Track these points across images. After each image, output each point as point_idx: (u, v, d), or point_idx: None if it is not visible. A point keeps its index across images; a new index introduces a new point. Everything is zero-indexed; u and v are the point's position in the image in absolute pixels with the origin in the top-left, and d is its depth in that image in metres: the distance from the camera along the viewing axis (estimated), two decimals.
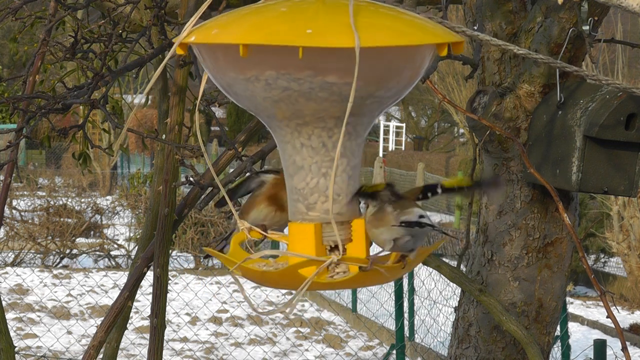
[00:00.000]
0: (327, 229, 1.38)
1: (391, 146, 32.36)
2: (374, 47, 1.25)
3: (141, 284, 2.58)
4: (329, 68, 1.29)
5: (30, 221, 13.78)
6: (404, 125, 33.69)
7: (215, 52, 1.34)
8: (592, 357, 4.82)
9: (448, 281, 3.36)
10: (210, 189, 2.43)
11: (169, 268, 2.55)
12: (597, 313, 11.15)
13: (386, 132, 32.71)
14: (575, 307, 11.48)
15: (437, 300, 9.22)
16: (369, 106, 1.35)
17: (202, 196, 2.58)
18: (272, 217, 1.53)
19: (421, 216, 1.41)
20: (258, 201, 1.55)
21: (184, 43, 1.33)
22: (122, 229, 15.07)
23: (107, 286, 11.07)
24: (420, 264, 1.60)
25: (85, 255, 13.38)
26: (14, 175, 2.45)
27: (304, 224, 1.38)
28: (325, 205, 1.38)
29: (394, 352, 7.70)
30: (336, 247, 1.38)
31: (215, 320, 10.00)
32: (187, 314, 9.97)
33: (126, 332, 2.87)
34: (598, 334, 9.89)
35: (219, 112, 32.05)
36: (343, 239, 1.38)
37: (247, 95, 1.34)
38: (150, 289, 2.54)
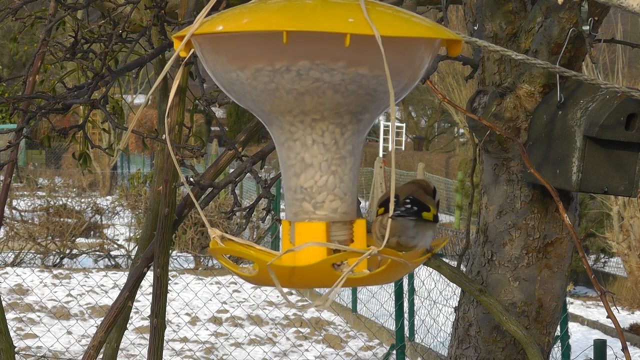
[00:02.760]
0: (333, 228, 1.38)
1: (391, 146, 32.35)
2: (400, 37, 1.27)
3: (141, 284, 2.58)
4: (363, 60, 1.29)
5: (30, 221, 13.79)
6: (404, 125, 33.70)
7: (231, 46, 1.31)
8: (592, 357, 4.82)
9: (448, 281, 3.35)
10: (210, 189, 2.43)
11: (169, 268, 2.55)
12: (597, 313, 11.15)
13: (386, 132, 32.72)
14: (575, 307, 11.48)
15: (437, 300, 9.22)
16: (370, 102, 1.35)
17: (202, 196, 2.58)
18: None
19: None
20: None
21: (197, 34, 1.31)
22: (122, 229, 15.08)
23: (107, 286, 11.07)
24: (421, 264, 1.60)
25: (85, 255, 13.38)
26: (14, 175, 2.46)
27: (313, 223, 1.37)
28: (333, 203, 1.38)
29: (394, 352, 7.70)
30: None
31: (215, 321, 10.00)
32: (187, 314, 9.97)
33: (126, 332, 2.87)
34: (598, 334, 9.89)
35: (219, 112, 32.03)
36: (346, 239, 1.39)
37: (269, 89, 1.32)
38: (150, 289, 2.54)
